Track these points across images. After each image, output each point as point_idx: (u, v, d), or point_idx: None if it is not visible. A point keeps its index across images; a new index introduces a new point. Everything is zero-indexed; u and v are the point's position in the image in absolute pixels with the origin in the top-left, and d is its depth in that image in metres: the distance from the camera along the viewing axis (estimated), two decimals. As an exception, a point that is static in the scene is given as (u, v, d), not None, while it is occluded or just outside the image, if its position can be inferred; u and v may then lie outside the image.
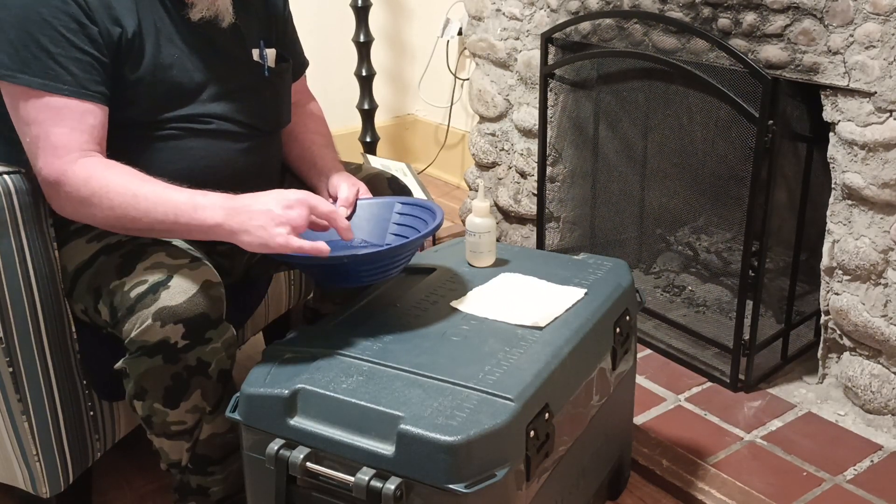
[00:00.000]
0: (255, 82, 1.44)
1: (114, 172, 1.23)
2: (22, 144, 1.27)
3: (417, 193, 2.35)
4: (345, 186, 1.47)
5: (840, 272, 1.67)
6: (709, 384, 1.86)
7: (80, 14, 1.22)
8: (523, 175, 2.37)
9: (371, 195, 1.49)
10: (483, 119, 2.48)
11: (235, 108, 1.39)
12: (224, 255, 1.45)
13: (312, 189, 1.56)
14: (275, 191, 1.24)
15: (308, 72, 1.66)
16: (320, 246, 1.19)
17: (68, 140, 1.22)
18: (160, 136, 1.33)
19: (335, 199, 1.46)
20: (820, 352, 1.78)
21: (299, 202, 1.21)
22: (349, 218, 1.44)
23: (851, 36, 1.52)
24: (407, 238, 1.32)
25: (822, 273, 1.71)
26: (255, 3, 1.46)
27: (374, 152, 2.92)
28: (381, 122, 3.06)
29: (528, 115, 2.29)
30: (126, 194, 1.21)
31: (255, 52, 1.44)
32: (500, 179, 2.47)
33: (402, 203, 1.43)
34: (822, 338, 1.77)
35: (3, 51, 1.20)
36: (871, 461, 1.60)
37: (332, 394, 1.12)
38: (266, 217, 1.19)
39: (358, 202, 1.46)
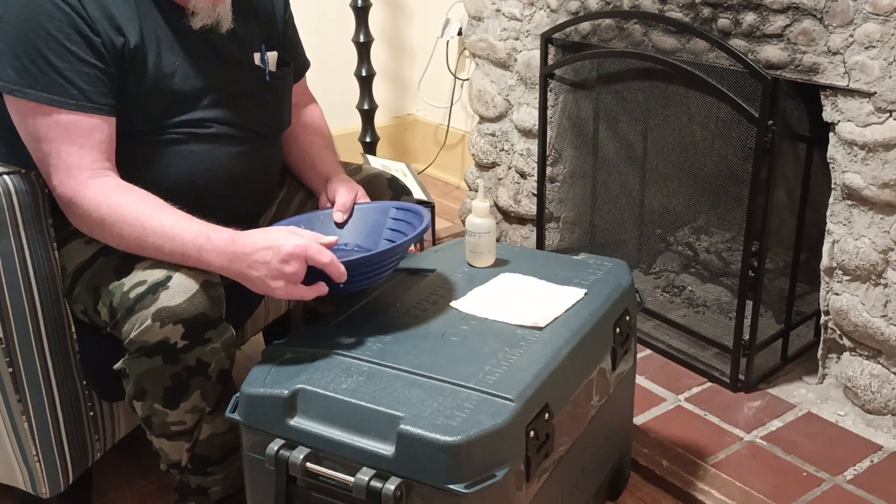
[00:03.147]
0: (256, 87, 1.44)
1: (124, 199, 1.23)
2: (17, 146, 1.27)
3: (417, 194, 2.35)
4: (342, 191, 1.47)
5: (840, 272, 1.67)
6: (709, 384, 1.86)
7: (83, 26, 1.22)
8: (523, 175, 2.37)
9: (369, 199, 1.50)
10: (483, 119, 2.48)
11: (236, 112, 1.39)
12: None
13: (312, 190, 1.57)
14: (275, 234, 1.22)
15: (308, 72, 1.66)
16: (320, 289, 1.23)
17: (79, 159, 1.23)
18: (161, 140, 1.33)
19: (333, 203, 1.46)
20: (820, 352, 1.78)
21: (295, 256, 1.19)
22: (345, 223, 1.45)
23: (851, 36, 1.52)
24: (395, 243, 1.34)
25: (821, 273, 1.71)
26: (256, 7, 1.46)
27: (374, 153, 2.92)
28: (381, 123, 3.06)
29: (527, 115, 2.29)
30: (135, 226, 1.22)
31: (257, 56, 1.44)
32: (500, 179, 2.47)
33: (397, 208, 1.44)
34: (821, 338, 1.77)
35: (11, 65, 1.20)
36: (871, 461, 1.60)
37: (332, 394, 1.12)
38: (265, 269, 1.20)
39: (355, 206, 1.46)
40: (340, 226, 1.45)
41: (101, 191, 1.23)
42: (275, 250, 1.19)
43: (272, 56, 1.47)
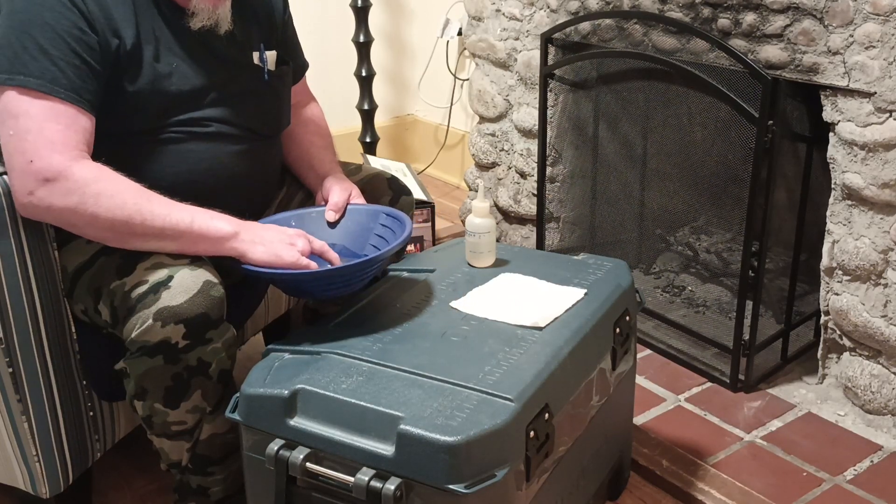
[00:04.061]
0: (256, 86, 1.44)
1: (123, 177, 1.23)
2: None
3: (417, 194, 2.35)
4: (336, 190, 1.48)
5: (840, 272, 1.67)
6: (709, 384, 1.86)
7: (81, 22, 1.22)
8: (523, 175, 2.37)
9: (363, 200, 1.50)
10: (483, 119, 2.48)
11: (235, 111, 1.39)
12: (224, 256, 1.45)
13: (310, 190, 1.57)
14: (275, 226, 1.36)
15: (308, 72, 1.66)
16: (314, 266, 1.29)
17: (65, 137, 1.20)
18: (160, 139, 1.33)
19: (327, 202, 1.47)
20: (820, 352, 1.78)
21: (299, 234, 1.32)
22: (338, 222, 1.45)
23: (851, 36, 1.52)
24: (380, 250, 1.38)
25: (821, 273, 1.71)
26: (255, 7, 1.46)
27: (373, 153, 2.92)
28: (381, 123, 3.06)
29: (527, 115, 2.29)
30: (141, 196, 1.22)
31: (255, 56, 1.44)
32: (499, 180, 2.47)
33: (387, 214, 1.45)
34: (821, 338, 1.77)
35: (5, 56, 1.19)
36: (871, 461, 1.60)
37: (332, 394, 1.12)
38: (277, 236, 1.29)
39: (348, 207, 1.47)
40: (332, 225, 1.46)
41: (97, 167, 1.21)
42: (282, 230, 1.32)
43: (271, 55, 1.47)
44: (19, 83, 1.19)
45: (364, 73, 2.81)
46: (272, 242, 1.28)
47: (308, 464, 1.12)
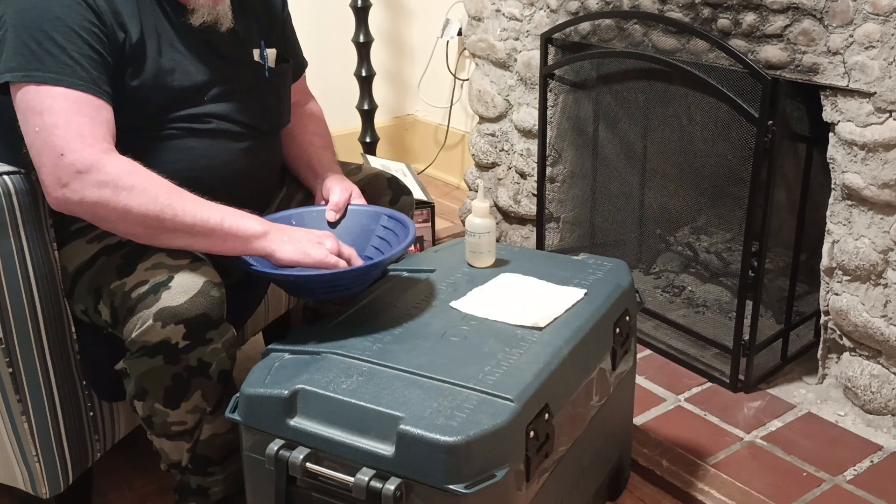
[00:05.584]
0: (256, 83, 1.44)
1: (153, 173, 1.23)
2: (17, 144, 1.24)
3: (417, 194, 2.35)
4: (337, 190, 1.48)
5: (840, 272, 1.67)
6: (709, 384, 1.86)
7: (90, 14, 1.22)
8: (523, 175, 2.37)
9: (364, 200, 1.50)
10: (483, 119, 2.48)
11: (236, 108, 1.39)
12: (224, 256, 1.45)
13: (309, 189, 1.57)
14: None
15: (308, 72, 1.66)
16: (343, 265, 1.30)
17: (93, 130, 1.20)
18: (160, 136, 1.33)
19: (327, 202, 1.47)
20: (820, 352, 1.78)
21: (327, 235, 1.32)
22: (338, 222, 1.46)
23: (851, 36, 1.52)
24: (382, 252, 1.40)
25: (821, 273, 1.71)
26: (255, 4, 1.47)
27: (373, 153, 2.92)
28: (381, 123, 3.06)
29: (527, 115, 2.29)
30: (173, 192, 1.23)
31: (256, 53, 1.44)
32: (499, 180, 2.47)
33: (388, 216, 1.45)
34: (821, 338, 1.77)
35: (20, 54, 1.19)
36: (871, 461, 1.60)
37: (331, 394, 1.12)
38: (307, 236, 1.30)
39: (348, 207, 1.47)
40: (332, 225, 1.46)
41: (128, 161, 1.22)
42: (311, 231, 1.33)
43: (271, 53, 1.47)
44: (38, 79, 1.19)
45: (364, 73, 2.81)
46: (301, 241, 1.29)
47: (308, 464, 1.12)
